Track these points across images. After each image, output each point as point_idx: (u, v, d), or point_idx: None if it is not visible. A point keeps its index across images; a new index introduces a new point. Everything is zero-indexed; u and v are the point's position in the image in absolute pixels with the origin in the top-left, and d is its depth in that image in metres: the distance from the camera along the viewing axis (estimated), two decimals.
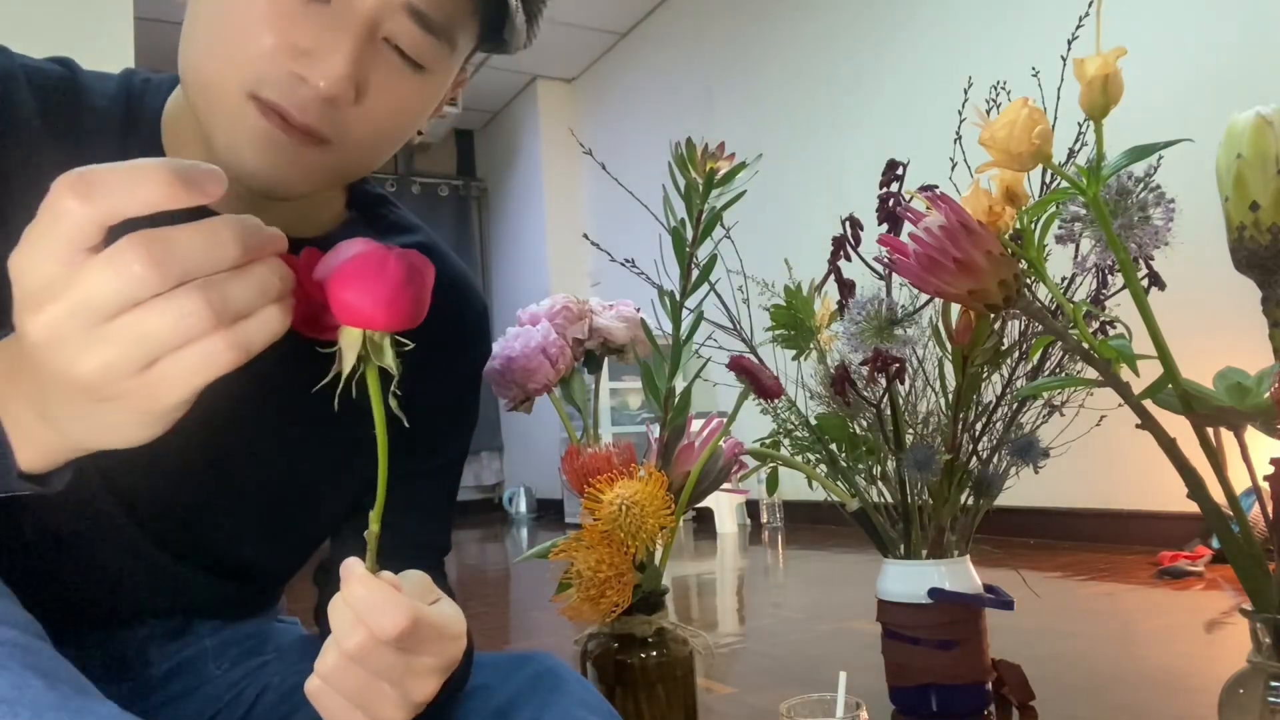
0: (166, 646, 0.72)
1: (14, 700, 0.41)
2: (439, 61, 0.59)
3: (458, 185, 6.10)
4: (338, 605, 0.47)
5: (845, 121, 3.56)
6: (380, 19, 0.55)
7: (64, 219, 0.37)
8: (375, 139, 0.59)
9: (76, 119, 0.60)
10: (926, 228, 0.60)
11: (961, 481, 1.12)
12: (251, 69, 0.53)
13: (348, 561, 0.48)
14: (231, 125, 0.55)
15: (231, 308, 0.39)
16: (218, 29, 0.55)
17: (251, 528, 0.70)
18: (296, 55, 0.53)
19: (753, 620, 2.02)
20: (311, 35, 0.53)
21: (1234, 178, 0.56)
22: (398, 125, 0.59)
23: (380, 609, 0.46)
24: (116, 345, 0.37)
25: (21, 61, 0.60)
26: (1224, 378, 0.57)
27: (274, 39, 0.53)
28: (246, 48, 0.53)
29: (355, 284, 0.43)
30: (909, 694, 1.13)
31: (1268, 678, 0.56)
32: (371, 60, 0.55)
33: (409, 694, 0.49)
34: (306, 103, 0.54)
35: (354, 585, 0.47)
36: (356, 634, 0.46)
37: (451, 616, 0.52)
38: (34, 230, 0.38)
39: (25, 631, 0.46)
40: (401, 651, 0.47)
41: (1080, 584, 2.05)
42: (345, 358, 0.44)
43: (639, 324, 1.00)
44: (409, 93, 0.58)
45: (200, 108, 0.56)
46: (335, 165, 0.58)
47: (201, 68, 0.55)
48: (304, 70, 0.53)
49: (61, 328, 0.37)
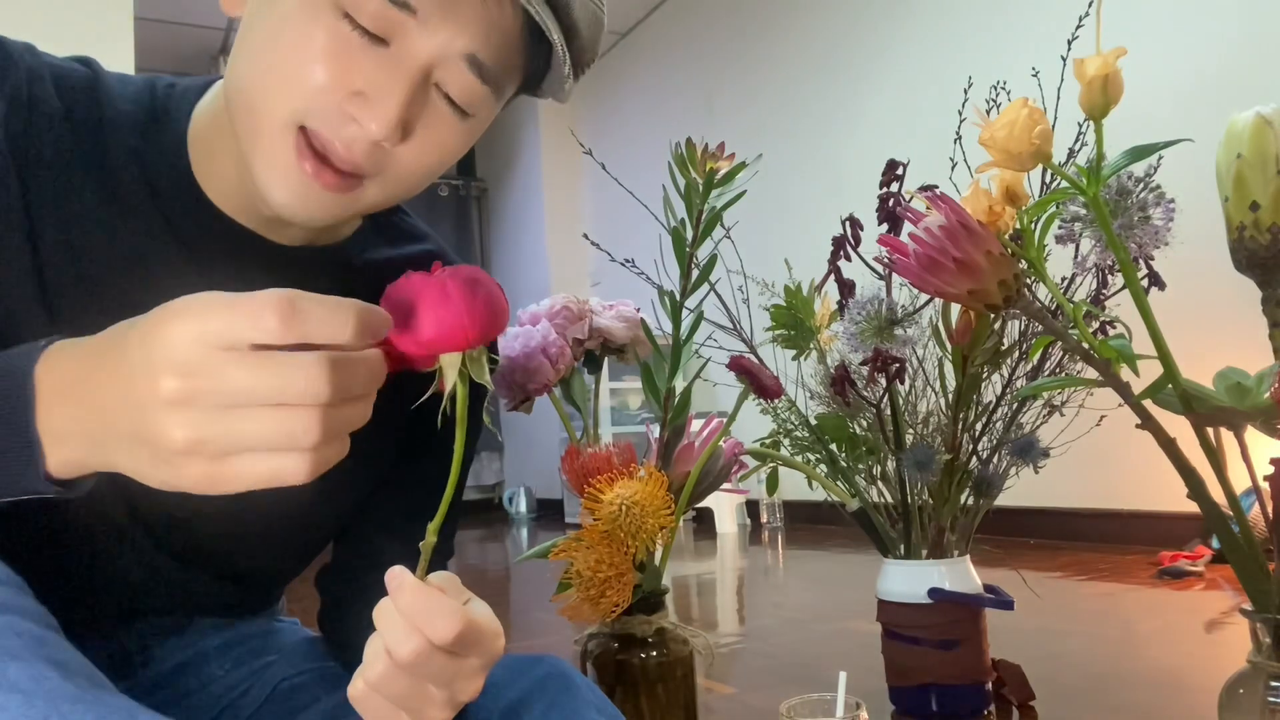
0: (168, 646, 0.72)
1: (31, 691, 0.41)
2: (484, 108, 0.59)
3: (458, 185, 6.10)
4: (388, 613, 0.48)
5: (845, 121, 3.56)
6: (436, 64, 0.55)
7: (257, 328, 0.38)
8: (412, 178, 0.59)
9: (99, 122, 0.61)
10: (926, 228, 0.60)
11: (961, 481, 1.12)
12: (302, 100, 0.54)
13: (394, 570, 0.48)
14: (269, 154, 0.55)
15: (334, 433, 0.41)
16: (273, 55, 0.55)
17: (253, 531, 0.70)
18: (350, 95, 0.53)
19: (753, 620, 2.02)
20: (367, 77, 0.53)
21: (1234, 178, 0.56)
22: (436, 166, 0.60)
23: (435, 615, 0.47)
24: (220, 429, 0.39)
25: (48, 60, 0.61)
26: (1224, 378, 0.57)
27: (330, 75, 0.53)
28: (300, 79, 0.53)
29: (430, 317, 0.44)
30: (909, 694, 1.13)
31: (1268, 678, 0.56)
32: (421, 105, 0.56)
33: (457, 694, 0.50)
34: (353, 141, 0.54)
35: (406, 593, 0.47)
36: (411, 641, 0.47)
37: (489, 615, 0.53)
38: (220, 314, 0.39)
39: (40, 624, 0.46)
40: (452, 655, 0.48)
41: (1080, 584, 2.05)
42: (446, 377, 0.46)
43: (639, 324, 1.00)
44: (452, 136, 0.58)
45: (241, 129, 0.57)
46: (366, 201, 0.59)
47: (250, 91, 0.55)
48: (356, 112, 0.53)
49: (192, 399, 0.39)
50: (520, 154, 5.67)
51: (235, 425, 0.39)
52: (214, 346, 0.38)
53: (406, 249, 0.74)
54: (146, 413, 0.39)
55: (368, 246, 0.71)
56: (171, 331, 0.39)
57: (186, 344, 0.38)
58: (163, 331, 0.39)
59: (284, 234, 0.65)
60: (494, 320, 0.46)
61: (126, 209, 0.60)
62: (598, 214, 5.21)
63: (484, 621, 0.51)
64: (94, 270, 0.59)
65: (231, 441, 0.39)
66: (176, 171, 0.62)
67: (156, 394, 0.39)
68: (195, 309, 0.39)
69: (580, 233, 4.55)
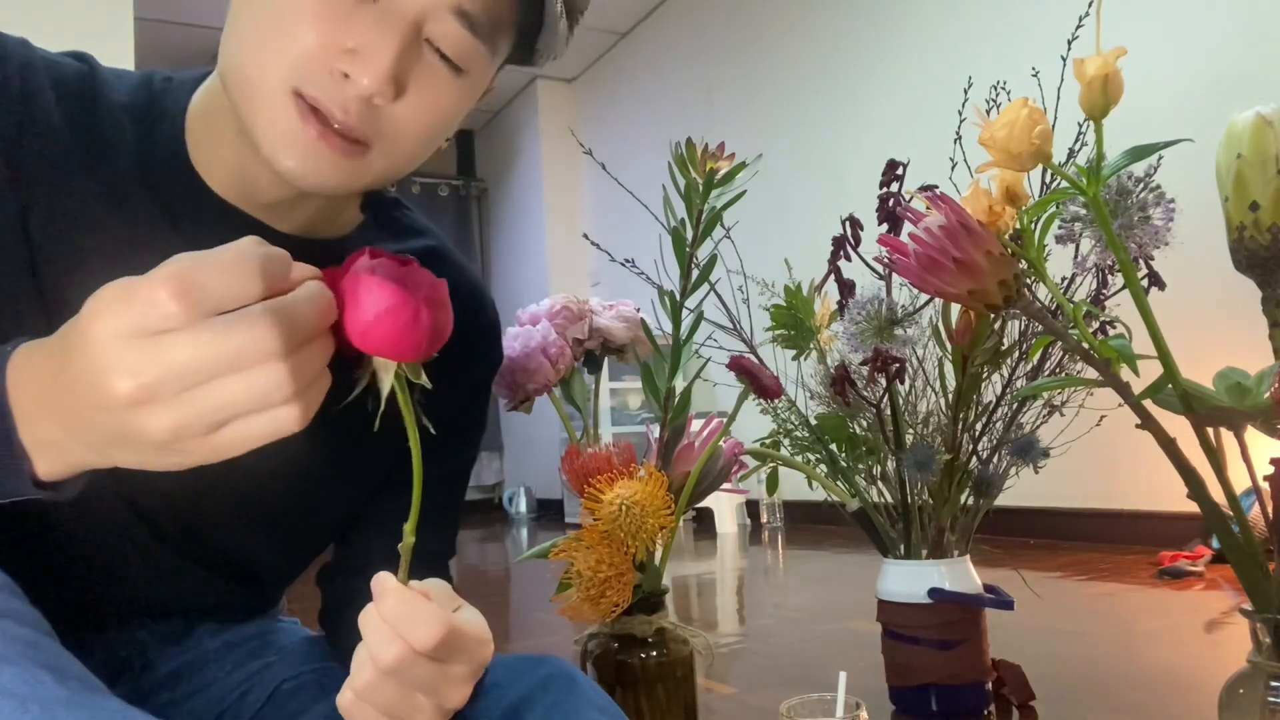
0: (167, 649, 0.72)
1: (25, 696, 0.41)
2: (478, 64, 0.58)
3: (458, 185, 6.10)
4: (371, 620, 0.48)
5: (845, 121, 3.56)
6: (426, 18, 0.55)
7: (158, 316, 0.38)
8: (414, 139, 0.58)
9: (95, 114, 0.60)
10: (926, 228, 0.60)
11: (961, 481, 1.12)
12: (295, 66, 0.53)
13: (379, 576, 0.48)
14: (271, 123, 0.55)
15: (305, 378, 0.40)
16: (263, 25, 0.54)
17: (255, 528, 0.70)
18: (341, 53, 0.53)
19: (753, 620, 2.02)
20: (357, 34, 0.53)
21: (1234, 178, 0.56)
22: (435, 126, 0.59)
23: (416, 621, 0.47)
24: (193, 411, 0.39)
25: (42, 55, 0.61)
26: (1224, 378, 0.57)
27: (320, 36, 0.53)
28: (292, 44, 0.53)
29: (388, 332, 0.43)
30: (909, 694, 1.13)
31: (1268, 678, 0.56)
32: (414, 60, 0.55)
33: (443, 702, 0.50)
34: (349, 102, 0.54)
35: (388, 599, 0.47)
36: (393, 647, 0.47)
37: (479, 622, 0.52)
38: (119, 310, 0.38)
39: (35, 628, 0.46)
40: (436, 661, 0.48)
41: (1080, 584, 2.05)
42: (382, 380, 0.45)
43: (639, 324, 1.00)
44: (448, 94, 0.58)
45: (241, 105, 0.56)
46: (375, 168, 0.58)
47: (244, 64, 0.55)
48: (348, 67, 0.53)
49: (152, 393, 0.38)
50: (520, 154, 5.67)
51: (207, 400, 0.39)
52: (137, 339, 0.38)
53: (409, 244, 0.74)
54: (116, 415, 0.39)
55: (370, 240, 0.71)
56: (93, 335, 0.38)
57: (113, 345, 0.38)
58: (88, 338, 0.39)
59: (285, 220, 0.64)
60: (435, 340, 0.45)
61: (123, 199, 0.60)
62: (598, 214, 5.22)
63: (469, 628, 0.50)
64: (89, 261, 0.58)
65: (212, 415, 0.39)
66: (174, 161, 0.62)
67: (116, 399, 0.38)
68: (98, 308, 0.39)
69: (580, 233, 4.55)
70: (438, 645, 0.47)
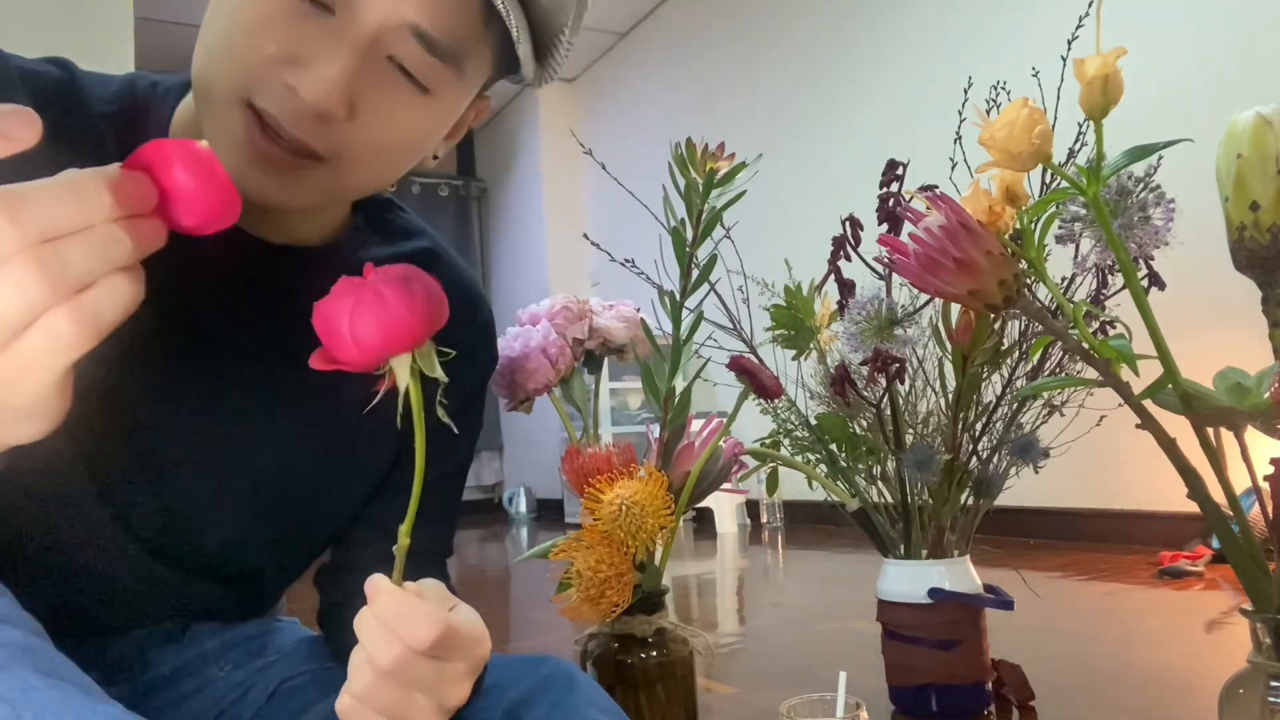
0: (165, 649, 0.71)
1: (17, 701, 0.41)
2: (445, 86, 0.57)
3: (457, 185, 6.10)
4: (367, 621, 0.47)
5: (845, 121, 3.56)
6: (383, 36, 0.53)
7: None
8: (374, 158, 0.57)
9: (75, 124, 0.59)
10: (926, 228, 0.60)
11: (961, 481, 1.12)
12: (247, 75, 0.52)
13: (373, 578, 0.48)
14: (220, 130, 0.54)
15: (71, 274, 0.37)
16: (223, 33, 0.54)
17: (250, 535, 0.69)
18: (291, 65, 0.52)
19: (753, 620, 2.02)
20: (310, 46, 0.52)
21: (1234, 178, 0.56)
22: (398, 145, 0.58)
23: (412, 620, 0.46)
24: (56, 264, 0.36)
25: (16, 63, 0.59)
26: (1224, 378, 0.57)
27: (272, 46, 0.52)
28: (246, 53, 0.52)
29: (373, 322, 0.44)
30: (909, 694, 1.13)
31: (1268, 678, 0.56)
32: (372, 78, 0.54)
33: (443, 700, 0.50)
34: (297, 115, 0.52)
35: (383, 599, 0.47)
36: (391, 648, 0.46)
37: (474, 620, 0.52)
38: None
39: (27, 632, 0.46)
40: (434, 660, 0.48)
41: (1080, 584, 2.05)
42: (399, 377, 0.45)
43: (639, 324, 1.00)
44: (411, 114, 0.56)
45: (201, 112, 0.56)
46: (332, 183, 0.57)
47: (203, 71, 0.55)
48: (295, 81, 0.52)
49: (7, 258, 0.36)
50: (520, 154, 5.67)
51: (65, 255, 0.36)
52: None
53: (403, 246, 0.74)
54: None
55: (362, 244, 0.71)
56: None
57: None
58: None
59: (272, 229, 0.64)
60: (437, 311, 0.45)
61: None
62: (598, 214, 5.22)
63: (465, 626, 0.50)
64: None
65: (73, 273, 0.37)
66: None
67: None
68: None
69: (580, 233, 4.56)
70: (435, 643, 0.47)
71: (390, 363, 0.46)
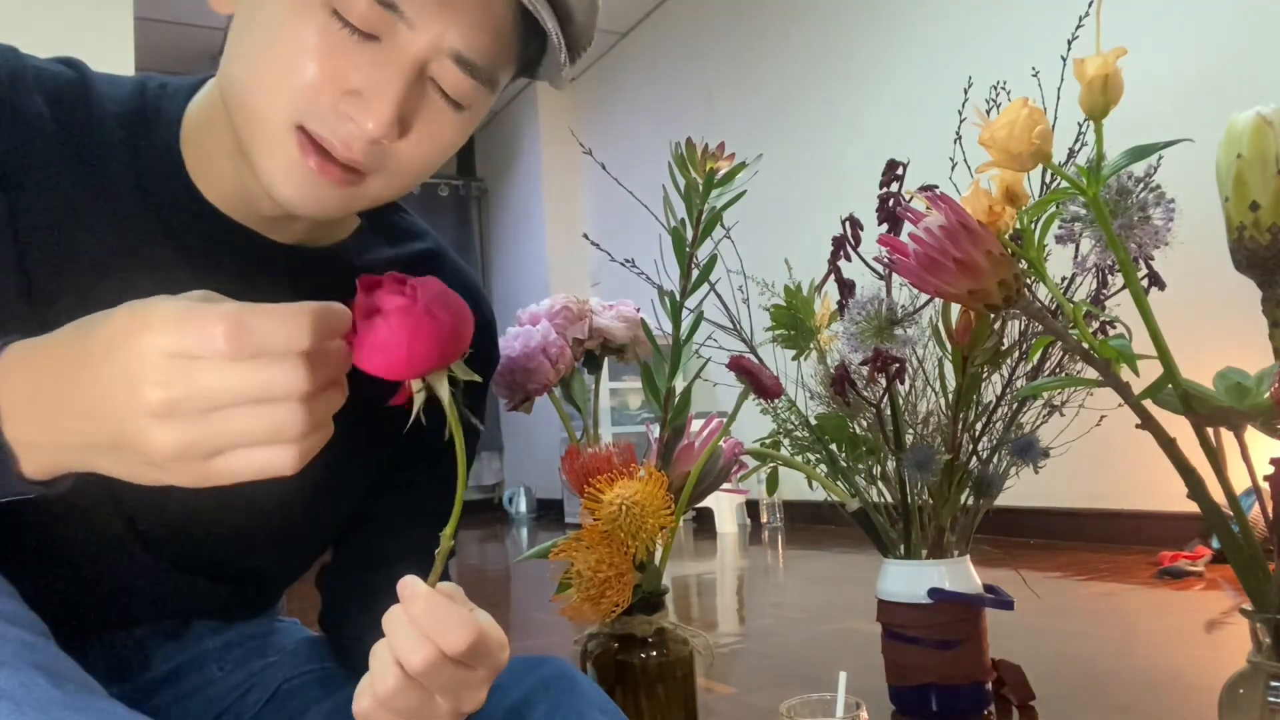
0: (166, 648, 0.72)
1: (20, 698, 0.41)
2: (479, 101, 0.59)
3: (457, 185, 6.10)
4: (399, 622, 0.48)
5: (845, 121, 3.56)
6: (428, 58, 0.55)
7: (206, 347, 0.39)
8: (413, 171, 0.59)
9: (87, 123, 0.60)
10: (926, 228, 0.60)
11: (961, 481, 1.12)
12: (299, 101, 0.54)
13: (407, 579, 0.48)
14: (271, 153, 0.55)
15: (316, 422, 0.41)
16: (267, 56, 0.55)
17: (253, 535, 0.69)
18: (345, 93, 0.54)
19: (753, 620, 2.02)
20: (361, 74, 0.54)
21: (1234, 178, 0.56)
22: (435, 159, 0.60)
23: (447, 625, 0.47)
24: (205, 433, 0.39)
25: (32, 63, 0.60)
26: (1224, 378, 0.57)
27: (323, 74, 0.53)
28: (295, 79, 0.53)
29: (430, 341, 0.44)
30: (909, 694, 1.13)
31: (1268, 678, 0.56)
32: (417, 99, 0.56)
33: (461, 705, 0.50)
34: (352, 139, 0.55)
35: (419, 602, 0.47)
36: (423, 651, 0.46)
37: (496, 626, 0.52)
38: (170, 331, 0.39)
39: (31, 630, 0.46)
40: (460, 666, 0.48)
41: (1080, 584, 2.05)
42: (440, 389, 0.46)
43: (639, 324, 1.00)
44: (449, 129, 0.59)
45: (242, 132, 0.57)
46: (370, 195, 0.59)
47: (247, 93, 0.56)
48: (352, 111, 0.54)
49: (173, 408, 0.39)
50: (520, 154, 5.67)
51: (222, 426, 0.40)
52: (179, 358, 0.39)
53: (406, 248, 0.74)
54: (129, 424, 0.40)
55: (368, 246, 0.71)
56: (140, 346, 0.39)
57: (156, 358, 0.39)
58: (136, 344, 0.39)
59: (283, 232, 0.65)
60: (471, 323, 0.46)
61: (115, 207, 0.60)
62: (598, 214, 5.21)
63: (492, 632, 0.50)
64: (81, 269, 0.58)
65: (220, 441, 0.40)
66: (169, 170, 0.61)
67: (139, 406, 0.39)
68: (153, 322, 0.39)
69: (580, 233, 4.55)
70: (469, 650, 0.47)
71: (431, 379, 0.46)
